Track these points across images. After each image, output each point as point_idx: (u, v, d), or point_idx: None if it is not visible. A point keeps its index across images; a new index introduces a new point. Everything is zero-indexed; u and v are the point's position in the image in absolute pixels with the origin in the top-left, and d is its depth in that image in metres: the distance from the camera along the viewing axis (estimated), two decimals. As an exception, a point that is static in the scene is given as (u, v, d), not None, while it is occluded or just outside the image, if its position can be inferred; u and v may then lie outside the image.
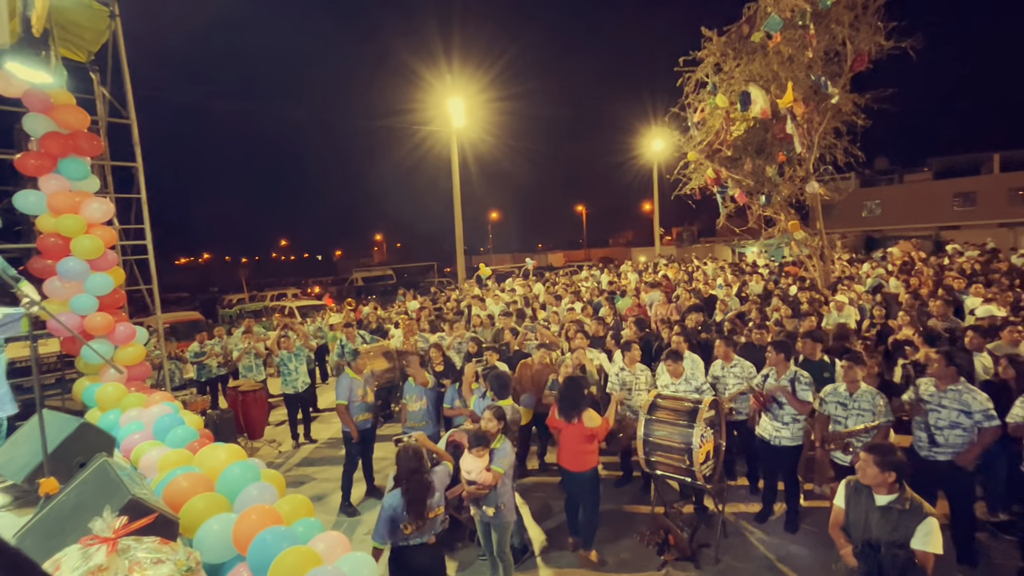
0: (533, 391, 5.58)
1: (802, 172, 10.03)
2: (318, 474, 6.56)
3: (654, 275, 14.17)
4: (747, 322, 6.98)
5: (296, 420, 7.47)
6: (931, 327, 5.92)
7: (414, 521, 3.14)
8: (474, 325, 8.77)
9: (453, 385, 5.50)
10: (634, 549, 4.49)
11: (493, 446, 3.86)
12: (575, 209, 59.59)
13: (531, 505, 5.32)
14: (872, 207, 32.77)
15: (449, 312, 10.21)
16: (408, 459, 3.24)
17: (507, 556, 3.86)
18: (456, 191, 15.91)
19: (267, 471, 3.10)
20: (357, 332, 8.53)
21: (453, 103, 15.76)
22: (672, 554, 4.31)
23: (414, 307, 11.09)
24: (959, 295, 8.03)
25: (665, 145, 21.02)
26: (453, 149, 15.85)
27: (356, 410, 5.39)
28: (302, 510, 2.75)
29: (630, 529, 4.74)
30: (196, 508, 2.63)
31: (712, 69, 9.97)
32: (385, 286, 22.27)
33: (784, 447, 4.51)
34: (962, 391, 3.87)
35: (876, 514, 2.73)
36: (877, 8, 9.18)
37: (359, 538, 4.96)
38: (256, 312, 15.38)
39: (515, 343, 6.84)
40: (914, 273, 10.75)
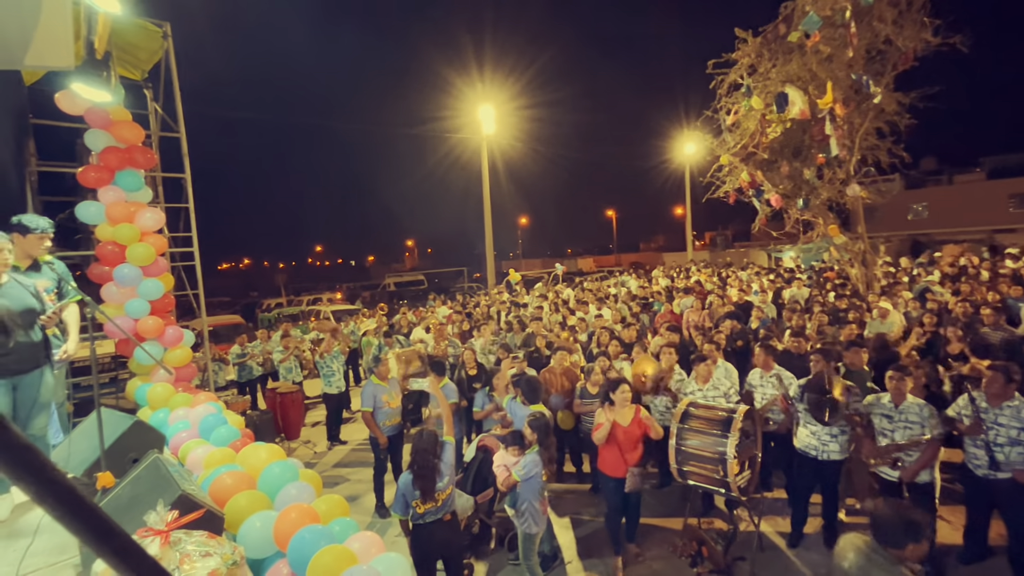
0: (561, 395, 5.57)
1: (842, 174, 9.70)
2: (352, 475, 6.70)
3: (686, 280, 13.91)
4: (784, 329, 6.77)
5: (332, 421, 7.67)
6: (982, 336, 5.62)
7: (424, 499, 3.34)
8: (503, 330, 8.81)
9: (483, 389, 5.55)
10: (667, 559, 4.41)
11: (527, 452, 3.90)
12: (605, 214, 59.10)
13: (562, 512, 5.30)
14: (919, 209, 31.25)
15: (480, 317, 10.29)
16: (421, 441, 3.43)
17: (533, 565, 3.86)
18: (486, 197, 16.06)
19: (305, 471, 3.21)
20: (395, 337, 8.71)
21: (484, 110, 15.95)
22: (706, 566, 4.21)
23: (444, 313, 11.22)
24: (1014, 303, 7.57)
25: (697, 148, 20.68)
26: (483, 156, 16.02)
27: (382, 416, 5.49)
28: (338, 510, 2.83)
29: (664, 540, 4.66)
30: (239, 505, 2.74)
31: (746, 71, 9.78)
32: (416, 291, 22.65)
33: (831, 461, 4.34)
34: (1020, 407, 3.66)
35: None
36: (922, 4, 8.83)
37: (391, 539, 5.04)
38: (293, 316, 15.90)
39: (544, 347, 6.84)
40: (966, 279, 10.19)
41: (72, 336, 3.32)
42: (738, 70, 9.86)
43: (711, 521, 4.80)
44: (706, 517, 4.83)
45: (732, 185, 10.59)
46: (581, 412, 5.29)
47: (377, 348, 8.00)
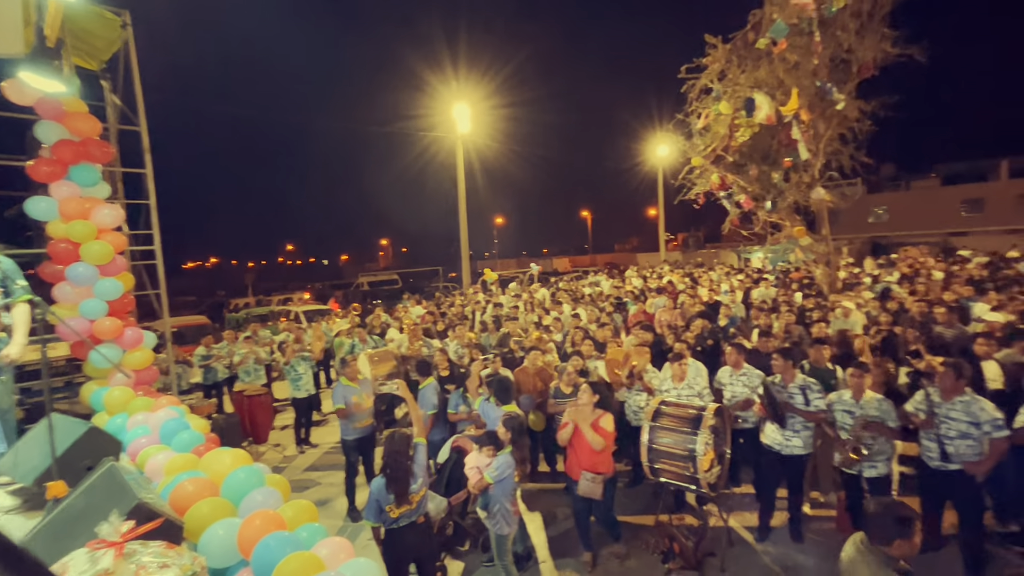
0: (533, 395, 5.58)
1: (808, 178, 10.00)
2: (323, 479, 6.57)
3: (659, 281, 14.14)
4: (752, 328, 6.95)
5: (301, 424, 7.50)
6: (937, 335, 5.88)
7: (398, 503, 3.31)
8: (479, 331, 8.78)
9: (458, 390, 5.51)
10: (639, 557, 4.46)
11: (500, 453, 3.89)
12: (581, 214, 59.66)
13: (536, 511, 5.31)
14: (879, 213, 32.58)
15: (454, 317, 10.22)
16: (393, 443, 3.39)
17: (508, 565, 3.85)
18: (461, 196, 15.98)
19: (272, 476, 3.12)
20: (369, 336, 8.58)
21: (459, 109, 15.86)
22: (677, 563, 4.28)
23: (418, 312, 11.11)
24: (966, 302, 7.96)
25: (670, 150, 21.03)
26: (458, 154, 15.94)
27: (352, 417, 5.40)
28: (306, 515, 2.76)
29: (635, 538, 4.71)
30: (201, 512, 2.64)
31: (717, 76, 9.98)
32: (391, 291, 22.35)
33: (795, 456, 4.47)
34: (970, 401, 3.83)
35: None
36: (882, 16, 9.18)
37: (363, 543, 4.95)
38: (262, 317, 15.46)
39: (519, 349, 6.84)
40: (921, 280, 10.67)
41: (16, 338, 3.14)
42: (708, 75, 10.05)
43: (682, 517, 4.88)
44: (677, 514, 4.91)
45: (703, 187, 10.80)
46: (554, 412, 5.31)
47: (349, 349, 7.86)
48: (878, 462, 4.14)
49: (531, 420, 5.54)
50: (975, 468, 3.77)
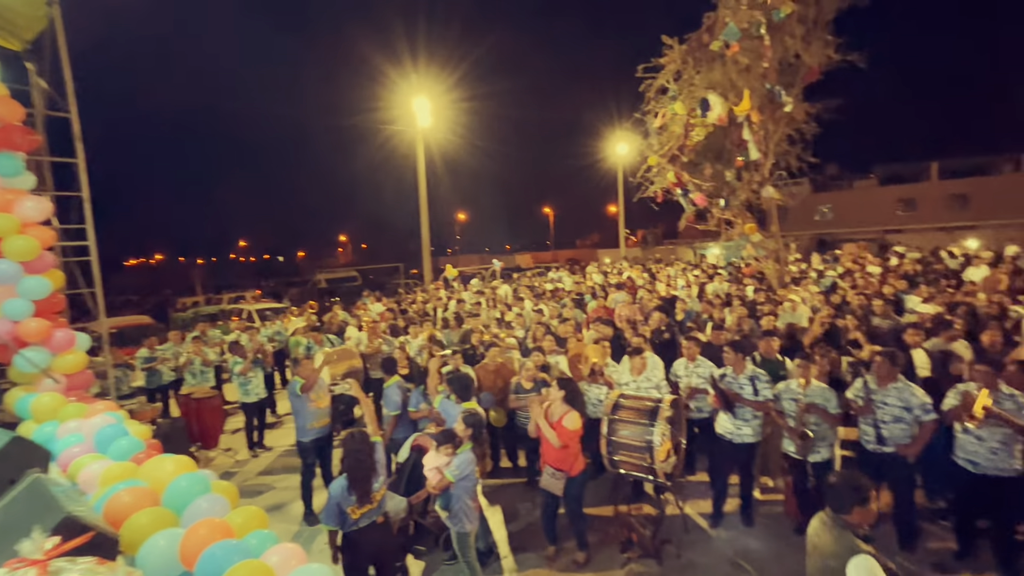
0: (493, 392, 5.57)
1: (759, 177, 10.40)
2: (278, 483, 6.35)
3: (619, 277, 14.41)
4: (705, 323, 7.17)
5: (252, 428, 7.21)
6: (875, 326, 6.25)
7: (360, 503, 3.26)
8: (440, 327, 8.68)
9: (418, 388, 5.43)
10: (598, 548, 4.53)
11: (458, 451, 3.85)
12: (543, 211, 60.09)
13: (497, 506, 5.31)
14: (824, 211, 34.34)
15: (415, 314, 10.07)
16: (352, 442, 3.34)
17: (472, 562, 3.83)
18: (422, 192, 15.74)
19: (218, 482, 2.97)
20: (325, 336, 8.32)
21: (419, 103, 15.60)
22: (635, 552, 4.38)
23: (378, 309, 10.89)
24: (901, 295, 8.50)
25: (630, 148, 21.45)
26: (419, 149, 15.68)
27: (308, 417, 5.24)
28: (255, 522, 2.65)
29: (596, 528, 4.78)
30: (140, 524, 2.49)
31: (673, 76, 10.22)
32: (350, 288, 21.76)
33: (745, 444, 4.65)
34: (902, 388, 4.09)
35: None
36: (826, 23, 9.64)
37: (320, 547, 4.82)
38: (212, 316, 14.75)
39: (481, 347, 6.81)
40: (861, 275, 11.32)
41: None
42: (665, 75, 10.29)
43: (640, 507, 4.99)
44: (635, 503, 5.01)
45: (660, 185, 11.06)
46: (515, 407, 5.31)
47: (305, 348, 7.61)
48: (821, 447, 4.36)
49: (492, 416, 5.52)
50: (907, 450, 4.04)
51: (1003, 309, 6.70)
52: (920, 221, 30.24)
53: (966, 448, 3.93)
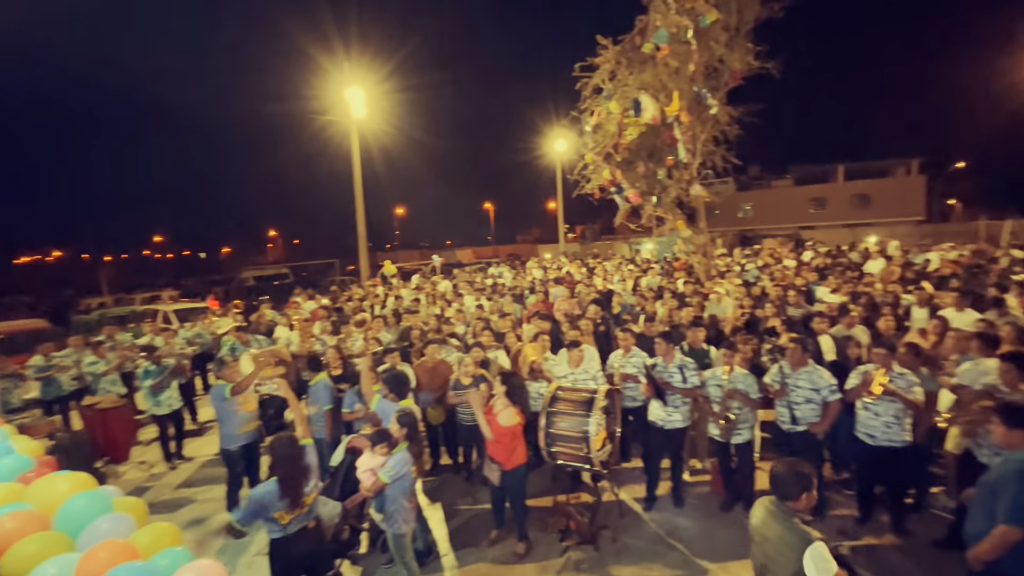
0: (431, 390, 5.49)
1: (687, 176, 10.91)
2: (200, 495, 5.92)
3: (558, 272, 14.66)
4: (639, 315, 7.44)
5: (168, 439, 6.65)
6: (790, 315, 6.75)
7: (291, 508, 3.11)
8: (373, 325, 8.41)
9: (352, 388, 5.24)
10: (537, 538, 4.59)
11: (394, 451, 3.75)
12: (483, 206, 59.98)
13: (438, 504, 5.24)
14: (746, 209, 36.73)
15: (351, 312, 9.71)
16: (281, 446, 3.19)
17: (409, 563, 3.76)
18: (357, 185, 15.20)
19: (123, 499, 2.71)
20: (252, 336, 7.82)
21: (352, 92, 15.02)
22: (574, 539, 4.47)
23: (311, 308, 10.41)
24: (812, 286, 9.25)
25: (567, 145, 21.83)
26: (354, 140, 15.12)
27: (235, 422, 4.93)
28: (166, 539, 2.43)
29: (536, 519, 4.84)
30: (26, 552, 2.22)
31: (607, 76, 10.48)
32: (281, 285, 20.58)
33: (675, 429, 4.86)
34: (811, 371, 4.45)
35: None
36: (747, 32, 10.26)
37: (249, 560, 4.55)
38: (121, 318, 13.44)
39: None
40: (778, 268, 12.21)
41: None
42: (600, 75, 10.53)
43: (578, 496, 5.10)
44: (573, 492, 5.12)
45: (597, 182, 11.32)
46: (454, 404, 5.26)
47: (230, 349, 7.13)
48: (743, 430, 4.65)
49: (430, 414, 5.44)
50: (816, 428, 4.40)
51: (896, 298, 7.46)
52: (829, 218, 33.12)
53: (865, 423, 4.34)
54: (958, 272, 10.04)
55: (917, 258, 13.10)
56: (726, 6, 9.93)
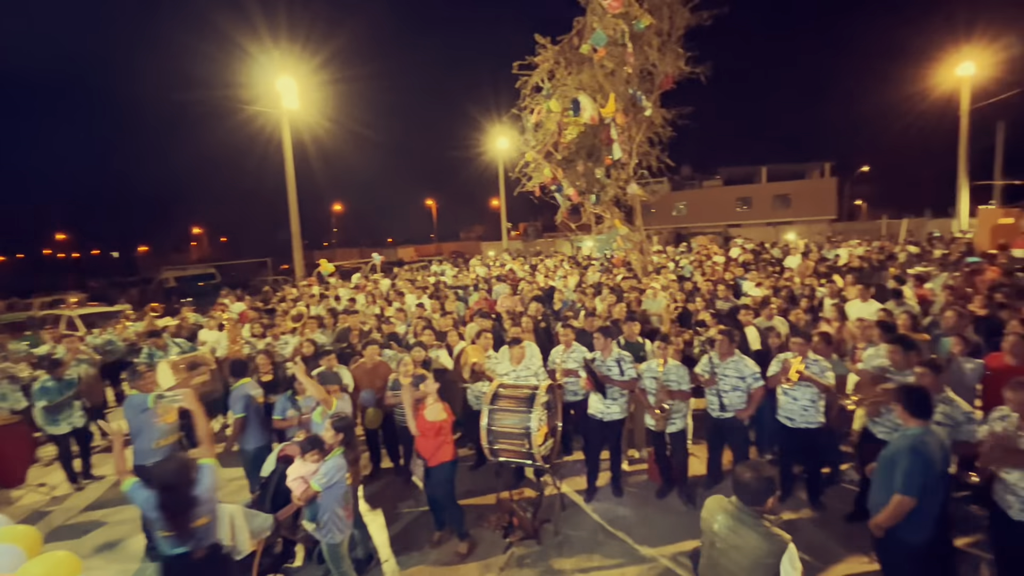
0: (372, 391, 5.32)
1: (624, 175, 11.27)
2: (111, 516, 5.41)
3: (500, 269, 14.69)
4: (579, 311, 7.59)
5: (71, 458, 6.00)
6: (719, 308, 7.12)
7: (177, 541, 2.81)
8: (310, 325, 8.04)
9: (285, 394, 4.97)
10: (481, 536, 4.57)
11: (326, 459, 3.60)
12: (426, 203, 59.09)
13: (379, 510, 5.08)
14: (680, 207, 38.54)
15: (283, 314, 9.22)
16: (164, 473, 2.82)
17: (346, 572, 3.62)
18: (290, 179, 14.47)
19: (11, 528, 2.41)
20: (171, 340, 7.23)
21: (284, 82, 14.27)
22: (517, 535, 4.49)
23: (240, 309, 9.79)
24: (739, 280, 9.83)
25: (509, 143, 21.91)
26: (285, 132, 14.37)
27: (151, 436, 4.55)
28: (63, 569, 2.19)
29: (479, 517, 4.81)
30: None
31: (546, 75, 10.60)
32: (206, 286, 19.15)
33: (614, 421, 5.00)
34: (737, 360, 4.72)
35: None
36: (678, 38, 10.72)
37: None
38: (16, 325, 12.01)
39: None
40: (708, 264, 12.89)
41: None
42: (539, 73, 10.63)
43: (521, 491, 5.14)
44: (516, 488, 5.15)
45: (537, 180, 11.44)
46: (393, 404, 5.13)
47: (146, 356, 6.57)
48: (676, 419, 4.85)
49: (368, 417, 5.27)
50: (742, 414, 4.68)
51: (812, 291, 8.07)
52: (754, 217, 35.44)
53: (785, 407, 4.66)
54: (864, 267, 11.04)
55: (829, 253, 14.27)
56: (659, 12, 10.33)
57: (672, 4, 10.42)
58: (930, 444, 2.96)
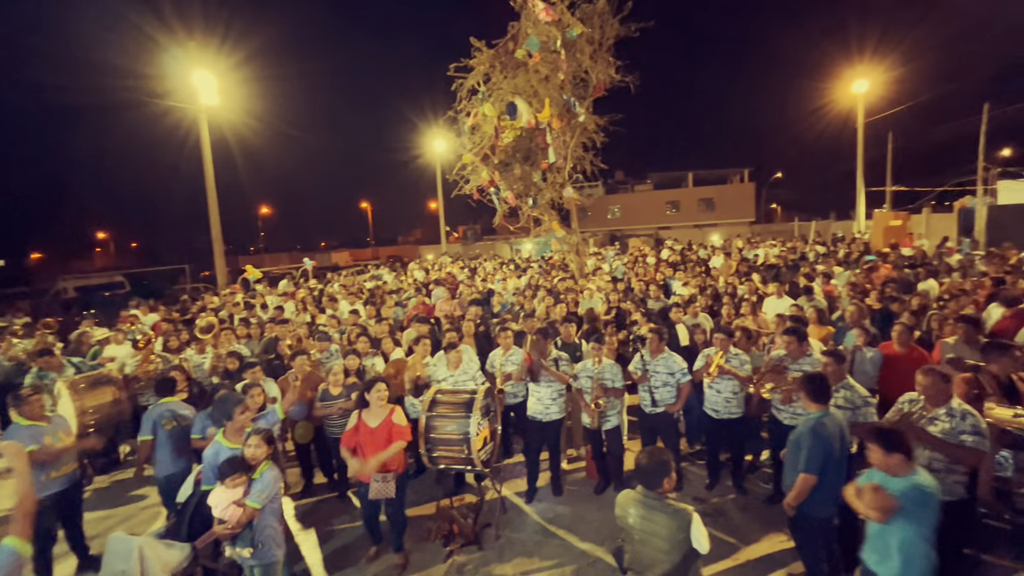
0: (303, 403, 5.06)
1: (560, 179, 11.51)
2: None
3: (439, 272, 14.53)
4: (518, 313, 7.64)
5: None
6: (650, 308, 7.43)
7: None
8: (239, 336, 7.55)
9: (203, 411, 4.60)
10: (422, 547, 4.47)
11: (253, 476, 3.37)
12: (360, 205, 57.29)
13: (312, 527, 4.82)
14: (615, 210, 39.94)
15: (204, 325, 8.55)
16: None
17: (276, 597, 3.41)
18: (209, 180, 13.52)
19: None
20: (65, 360, 6.48)
21: (201, 76, 13.33)
22: (457, 542, 4.43)
23: (152, 320, 9.00)
24: (669, 280, 10.32)
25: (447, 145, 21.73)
26: (203, 130, 13.42)
27: (46, 466, 4.07)
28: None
29: (419, 528, 4.70)
30: None
31: (482, 78, 10.62)
32: (114, 296, 17.34)
33: (552, 421, 5.06)
34: (667, 357, 4.93)
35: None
36: (609, 46, 11.11)
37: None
38: None
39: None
40: (641, 265, 13.43)
41: None
42: (475, 76, 10.64)
43: (462, 497, 5.07)
44: (457, 495, 5.08)
45: (475, 183, 11.43)
46: (322, 416, 4.91)
47: (36, 377, 5.87)
48: (611, 416, 5.00)
49: (298, 431, 5.01)
50: (672, 408, 4.89)
51: (734, 288, 8.62)
52: (682, 220, 37.40)
53: (710, 400, 4.93)
54: (779, 265, 11.94)
55: (749, 254, 15.31)
56: (590, 21, 10.66)
57: (603, 15, 10.78)
58: (828, 426, 3.24)
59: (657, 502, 2.62)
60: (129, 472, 6.19)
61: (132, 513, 5.40)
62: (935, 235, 16.55)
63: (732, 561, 4.09)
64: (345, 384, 4.85)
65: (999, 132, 17.77)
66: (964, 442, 3.12)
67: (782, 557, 4.06)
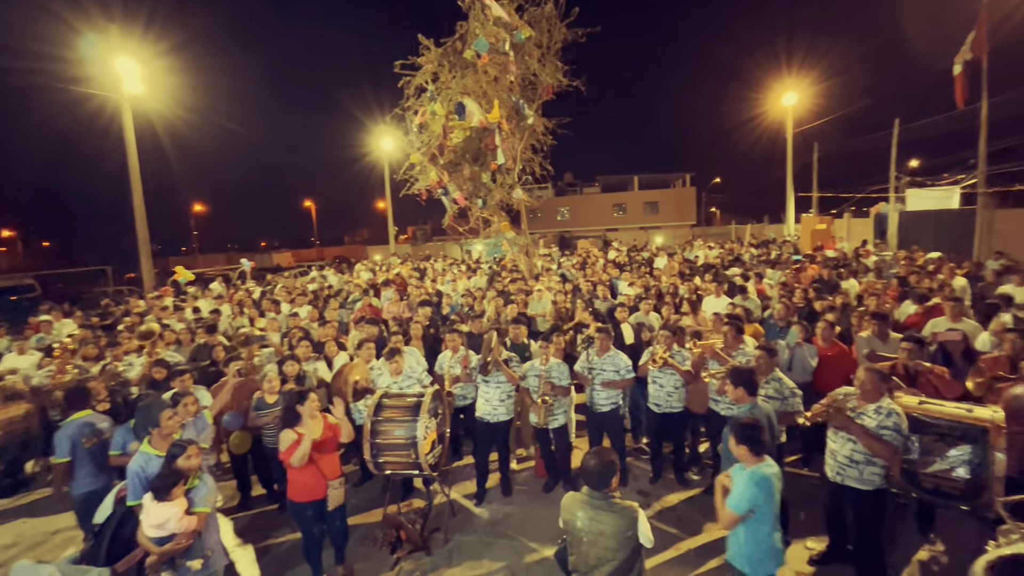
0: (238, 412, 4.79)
1: (510, 180, 11.54)
2: None
3: (387, 273, 14.22)
4: (467, 315, 7.59)
5: None
6: (597, 308, 7.58)
7: None
8: (167, 343, 7.04)
9: (124, 425, 4.26)
10: (368, 556, 4.34)
11: (188, 486, 3.18)
12: (304, 204, 55.11)
13: (252, 542, 4.57)
14: (564, 212, 40.63)
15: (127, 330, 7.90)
16: None
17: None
18: (134, 175, 12.54)
19: None
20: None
21: (124, 62, 12.36)
22: (405, 549, 4.34)
23: (69, 328, 8.23)
24: (615, 280, 10.59)
25: (395, 144, 21.31)
26: (127, 121, 12.44)
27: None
28: None
29: (365, 536, 4.57)
30: None
31: (430, 77, 10.49)
32: (21, 301, 15.67)
33: (501, 422, 5.05)
34: (613, 355, 5.05)
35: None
36: (556, 50, 11.26)
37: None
38: None
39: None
40: (589, 266, 13.71)
41: None
42: (423, 75, 10.48)
43: (410, 503, 4.98)
44: (406, 500, 4.98)
45: (424, 183, 11.26)
46: (258, 425, 4.66)
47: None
48: (559, 415, 5.05)
49: (234, 441, 4.73)
50: (613, 385, 5.00)
51: (676, 288, 8.96)
52: (628, 222, 38.60)
53: (654, 395, 5.10)
54: (718, 265, 12.54)
55: (691, 255, 16.00)
56: (539, 25, 10.77)
57: (551, 18, 10.91)
58: (757, 416, 3.42)
59: (604, 502, 2.66)
60: (37, 493, 5.64)
61: (42, 539, 4.92)
62: (855, 238, 17.94)
63: (675, 551, 4.24)
64: (282, 391, 4.62)
65: (909, 144, 19.49)
66: (883, 436, 3.34)
67: (722, 545, 4.25)
